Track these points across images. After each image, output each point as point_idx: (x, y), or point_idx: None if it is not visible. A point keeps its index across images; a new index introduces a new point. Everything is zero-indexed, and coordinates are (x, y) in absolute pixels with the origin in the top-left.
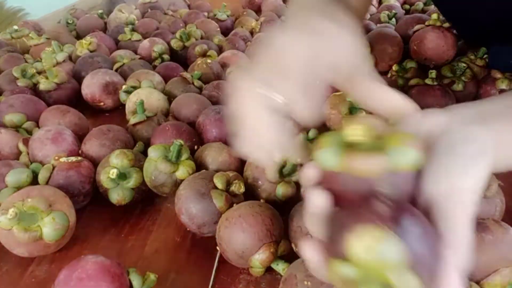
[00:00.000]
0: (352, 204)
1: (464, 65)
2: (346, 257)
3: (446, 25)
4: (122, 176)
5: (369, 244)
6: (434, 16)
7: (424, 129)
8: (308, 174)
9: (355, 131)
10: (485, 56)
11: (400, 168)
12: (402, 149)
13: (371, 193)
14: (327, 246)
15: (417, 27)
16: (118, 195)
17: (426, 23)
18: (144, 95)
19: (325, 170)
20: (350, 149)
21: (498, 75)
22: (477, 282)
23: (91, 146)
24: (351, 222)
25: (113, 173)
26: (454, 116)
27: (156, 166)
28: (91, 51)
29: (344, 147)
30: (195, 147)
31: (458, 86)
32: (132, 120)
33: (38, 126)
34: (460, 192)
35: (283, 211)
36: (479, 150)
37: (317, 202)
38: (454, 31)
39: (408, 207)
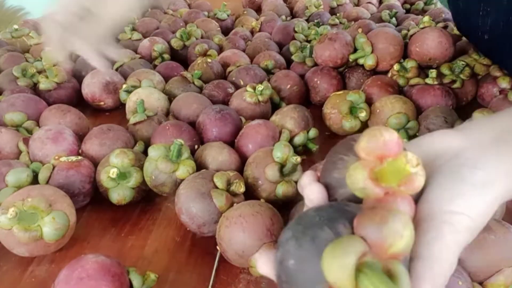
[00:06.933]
0: None
1: (463, 63)
2: None
3: (440, 25)
4: (122, 175)
5: None
6: (426, 18)
7: (434, 150)
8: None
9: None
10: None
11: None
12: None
13: None
14: None
15: (412, 30)
16: (118, 195)
17: (420, 26)
18: (144, 95)
19: None
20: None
21: (497, 73)
22: (480, 283)
23: (91, 145)
24: None
25: (113, 172)
26: (468, 141)
27: (156, 165)
28: None
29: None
30: (195, 146)
31: (456, 84)
32: (132, 119)
33: (38, 125)
34: (459, 219)
35: (283, 211)
36: (487, 180)
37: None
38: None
39: None
